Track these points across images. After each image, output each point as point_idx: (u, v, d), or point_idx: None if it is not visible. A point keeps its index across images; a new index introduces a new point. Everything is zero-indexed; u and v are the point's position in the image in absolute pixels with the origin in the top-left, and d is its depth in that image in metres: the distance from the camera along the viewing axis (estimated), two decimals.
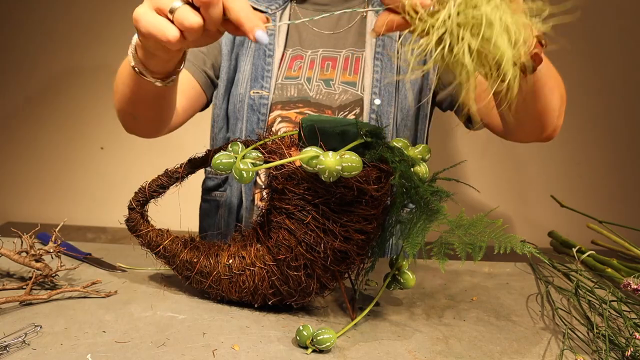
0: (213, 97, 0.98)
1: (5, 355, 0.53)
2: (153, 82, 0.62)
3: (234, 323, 0.62)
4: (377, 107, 0.90)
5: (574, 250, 0.88)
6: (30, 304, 0.65)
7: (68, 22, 1.70)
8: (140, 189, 0.67)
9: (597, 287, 0.75)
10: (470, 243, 0.58)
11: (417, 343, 0.59)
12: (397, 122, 0.92)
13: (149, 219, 0.69)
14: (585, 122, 1.69)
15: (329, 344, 0.55)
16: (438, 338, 0.61)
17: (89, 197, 1.89)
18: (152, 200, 0.67)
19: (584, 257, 0.86)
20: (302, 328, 0.57)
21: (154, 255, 0.68)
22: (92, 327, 0.60)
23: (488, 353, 0.58)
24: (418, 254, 0.59)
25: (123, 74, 0.69)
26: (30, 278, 0.67)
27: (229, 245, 0.67)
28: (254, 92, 0.92)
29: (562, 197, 1.02)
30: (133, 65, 0.60)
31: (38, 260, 0.69)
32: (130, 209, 0.67)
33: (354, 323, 0.63)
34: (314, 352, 0.56)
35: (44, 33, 1.71)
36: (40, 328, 0.58)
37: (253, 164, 0.57)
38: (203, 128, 1.01)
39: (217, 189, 1.02)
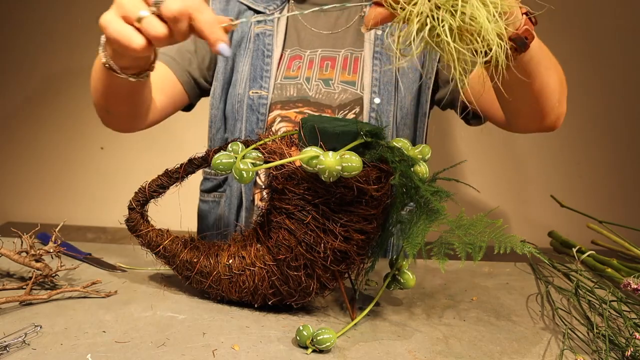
0: (210, 97, 0.98)
1: (5, 355, 0.53)
2: (125, 77, 0.62)
3: (234, 323, 0.62)
4: (376, 105, 0.90)
5: (574, 250, 0.88)
6: (30, 304, 0.65)
7: (68, 22, 1.70)
8: (140, 189, 0.67)
9: (597, 287, 0.75)
10: (470, 243, 0.58)
11: (417, 343, 0.59)
12: (396, 120, 0.92)
13: (149, 219, 0.69)
14: (585, 122, 1.69)
15: (329, 344, 0.55)
16: (438, 338, 0.61)
17: (89, 197, 1.89)
18: (152, 200, 0.67)
19: (584, 257, 0.86)
20: (302, 328, 0.57)
21: (154, 255, 0.68)
22: (92, 327, 0.60)
23: (488, 353, 0.58)
24: (418, 254, 0.59)
25: (96, 69, 0.69)
26: (30, 278, 0.67)
27: (229, 245, 0.67)
28: (253, 92, 0.92)
29: (562, 197, 1.02)
30: (104, 62, 0.61)
31: (38, 260, 0.69)
32: (130, 209, 0.67)
33: (354, 323, 0.63)
34: (314, 352, 0.56)
35: (44, 33, 1.71)
36: (40, 328, 0.58)
37: (253, 164, 0.57)
38: (203, 128, 1.01)
39: (215, 190, 1.02)
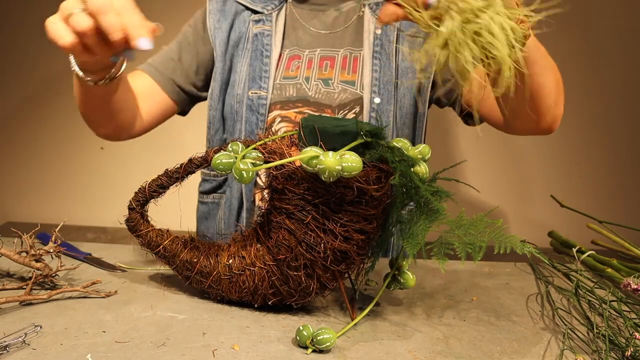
0: (208, 98, 0.98)
1: (5, 355, 0.53)
2: (88, 81, 0.66)
3: (234, 323, 0.62)
4: (377, 105, 0.90)
5: (574, 250, 0.88)
6: (30, 304, 0.65)
7: None
8: (140, 189, 0.67)
9: (597, 287, 0.75)
10: (470, 243, 0.58)
11: (417, 343, 0.59)
12: (396, 120, 0.92)
13: (149, 219, 0.69)
14: (585, 122, 1.69)
15: (329, 344, 0.55)
16: (438, 338, 0.61)
17: (89, 197, 1.89)
18: (152, 200, 0.67)
19: (584, 257, 0.86)
20: (302, 328, 0.57)
21: (154, 255, 0.68)
22: (92, 327, 0.60)
23: (488, 353, 0.58)
24: (418, 254, 0.59)
25: (73, 77, 0.71)
26: (30, 278, 0.67)
27: (229, 245, 0.67)
28: (252, 92, 0.92)
29: (562, 197, 1.02)
30: (72, 69, 0.65)
31: (38, 260, 0.69)
32: (130, 209, 0.67)
33: (354, 323, 0.63)
34: (314, 352, 0.56)
35: (44, 33, 1.72)
36: (40, 328, 0.58)
37: (253, 164, 0.57)
38: (203, 128, 1.01)
39: (215, 191, 1.02)
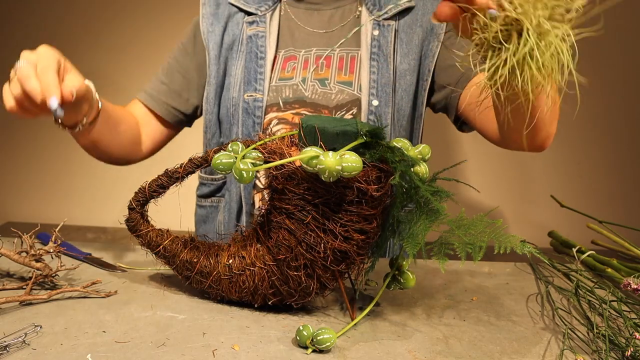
0: (203, 102, 0.97)
1: (5, 355, 0.53)
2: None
3: (234, 323, 0.62)
4: (374, 108, 0.89)
5: (574, 250, 0.88)
6: (30, 304, 0.65)
7: (68, 23, 1.70)
8: (140, 189, 0.67)
9: (597, 287, 0.75)
10: (470, 243, 0.58)
11: (417, 343, 0.59)
12: (394, 122, 0.91)
13: (149, 219, 0.69)
14: (585, 122, 1.69)
15: (329, 344, 0.55)
16: (438, 338, 0.61)
17: (89, 197, 1.89)
18: (152, 200, 0.67)
19: (584, 257, 0.86)
20: (302, 328, 0.57)
21: (154, 255, 0.68)
22: (92, 327, 0.60)
23: (488, 353, 0.58)
24: (418, 254, 0.59)
25: None
26: (30, 278, 0.67)
27: (229, 245, 0.67)
28: (248, 95, 0.91)
29: (562, 197, 1.02)
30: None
31: (38, 260, 0.69)
32: (130, 209, 0.67)
33: (354, 323, 0.63)
34: (314, 352, 0.56)
35: (45, 34, 1.71)
36: (40, 328, 0.58)
37: (253, 164, 0.57)
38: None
39: (213, 195, 1.01)
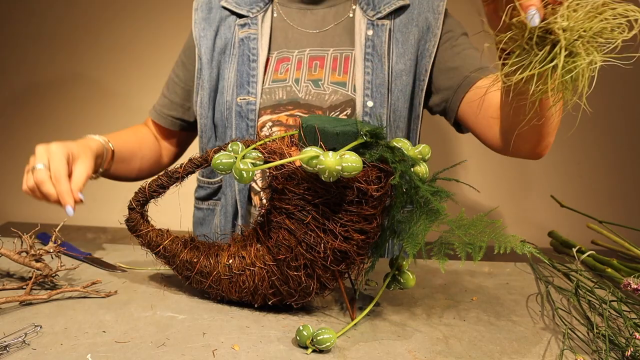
0: (198, 107, 0.97)
1: (5, 355, 0.53)
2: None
3: (234, 323, 0.62)
4: (369, 109, 0.88)
5: (574, 250, 0.88)
6: (30, 304, 0.65)
7: (69, 23, 1.71)
8: (140, 189, 0.67)
9: (597, 287, 0.75)
10: (470, 243, 0.58)
11: (417, 343, 0.59)
12: (390, 123, 0.91)
13: (149, 219, 0.69)
14: (585, 122, 1.69)
15: (329, 344, 0.55)
16: (438, 338, 0.61)
17: (89, 197, 1.89)
18: (152, 200, 0.67)
19: (584, 257, 0.86)
20: (302, 328, 0.57)
21: (154, 255, 0.68)
22: (92, 327, 0.60)
23: (488, 353, 0.58)
24: (418, 254, 0.59)
25: None
26: (30, 278, 0.67)
27: (229, 245, 0.67)
28: (241, 98, 0.91)
29: (562, 197, 1.02)
30: None
31: (38, 260, 0.69)
32: (130, 209, 0.68)
33: (354, 323, 0.63)
34: (314, 352, 0.56)
35: (45, 34, 1.71)
36: (40, 328, 0.58)
37: (253, 164, 0.57)
38: None
39: (210, 198, 1.01)
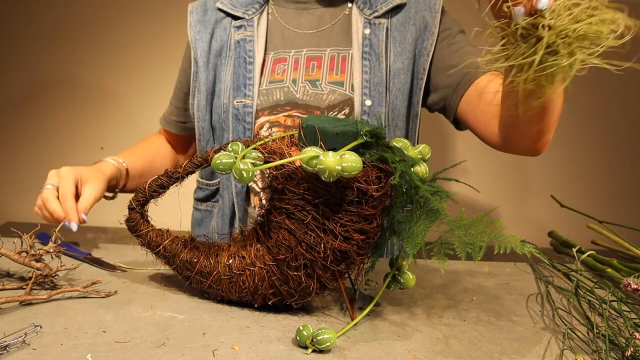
0: (195, 110, 0.97)
1: (5, 355, 0.53)
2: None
3: (234, 323, 0.62)
4: (368, 108, 0.88)
5: (574, 250, 0.88)
6: (30, 304, 0.65)
7: (68, 23, 1.70)
8: (140, 189, 0.67)
9: (597, 287, 0.75)
10: (470, 243, 0.58)
11: (417, 343, 0.59)
12: (388, 122, 0.91)
13: (149, 219, 0.69)
14: (585, 122, 1.69)
15: (329, 344, 0.55)
16: (438, 338, 0.61)
17: None
18: (152, 200, 0.67)
19: (584, 257, 0.86)
20: (302, 328, 0.57)
21: (154, 255, 0.68)
22: (92, 327, 0.60)
23: (488, 353, 0.58)
24: (418, 254, 0.59)
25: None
26: (30, 278, 0.67)
27: (229, 245, 0.67)
28: (237, 101, 0.91)
29: (562, 197, 1.02)
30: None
31: (38, 260, 0.69)
32: (130, 209, 0.68)
33: (354, 323, 0.63)
34: (314, 352, 0.56)
35: (45, 34, 1.71)
36: (40, 328, 0.58)
37: (253, 164, 0.57)
38: None
39: (208, 200, 1.01)
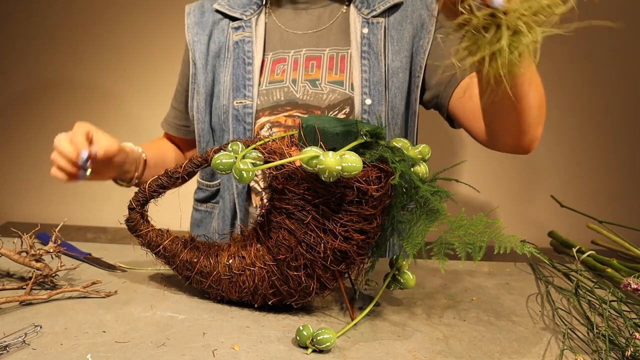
0: (194, 111, 0.97)
1: (5, 355, 0.53)
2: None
3: (234, 323, 0.62)
4: (368, 107, 0.88)
5: (574, 250, 0.88)
6: (30, 304, 0.65)
7: (68, 23, 1.71)
8: (140, 189, 0.67)
9: (597, 287, 0.75)
10: (470, 243, 0.58)
11: (417, 343, 0.59)
12: (388, 120, 0.91)
13: (149, 219, 0.69)
14: (585, 122, 1.69)
15: (329, 344, 0.55)
16: (438, 338, 0.61)
17: (89, 197, 1.89)
18: (152, 201, 0.67)
19: (584, 257, 0.86)
20: (302, 328, 0.57)
21: (154, 255, 0.68)
22: (92, 327, 0.60)
23: (488, 353, 0.58)
24: (418, 254, 0.59)
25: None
26: (30, 278, 0.67)
27: (229, 245, 0.67)
28: (237, 102, 0.90)
29: (562, 197, 1.02)
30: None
31: (38, 260, 0.69)
32: (130, 209, 0.68)
33: (354, 323, 0.63)
34: (314, 352, 0.56)
35: (45, 34, 1.71)
36: (40, 328, 0.58)
37: (253, 164, 0.57)
38: None
39: (208, 201, 1.01)
